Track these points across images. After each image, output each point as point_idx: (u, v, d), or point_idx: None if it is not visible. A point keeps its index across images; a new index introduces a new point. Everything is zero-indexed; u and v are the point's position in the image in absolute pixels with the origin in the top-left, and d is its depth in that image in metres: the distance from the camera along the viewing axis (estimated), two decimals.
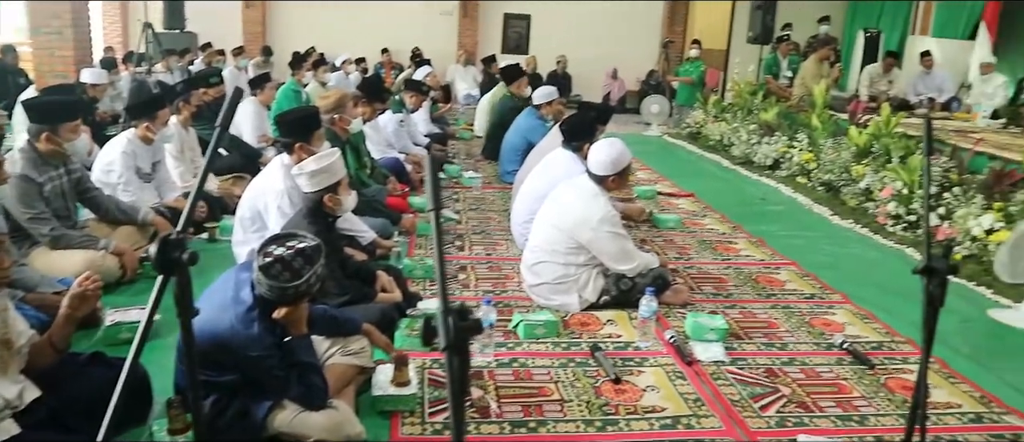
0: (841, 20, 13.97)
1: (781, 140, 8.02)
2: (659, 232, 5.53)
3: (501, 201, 6.09)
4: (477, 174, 6.87)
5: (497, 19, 14.31)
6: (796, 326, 3.87)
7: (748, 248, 5.25)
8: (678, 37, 14.07)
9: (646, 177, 7.59)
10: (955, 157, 6.17)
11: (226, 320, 2.37)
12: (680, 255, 4.99)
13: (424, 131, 8.05)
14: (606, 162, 3.71)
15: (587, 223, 3.67)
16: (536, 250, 3.87)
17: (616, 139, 3.93)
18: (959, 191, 5.56)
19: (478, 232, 5.29)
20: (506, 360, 3.28)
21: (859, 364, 3.45)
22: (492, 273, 4.45)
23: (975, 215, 5.17)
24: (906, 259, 5.18)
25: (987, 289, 4.63)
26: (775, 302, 4.20)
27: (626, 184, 4.27)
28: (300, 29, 13.31)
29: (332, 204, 3.32)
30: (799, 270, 4.80)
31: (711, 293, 4.28)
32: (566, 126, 4.79)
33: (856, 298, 4.30)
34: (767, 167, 7.98)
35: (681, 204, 6.52)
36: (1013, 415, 3.09)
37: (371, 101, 5.86)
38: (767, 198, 6.97)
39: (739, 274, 4.65)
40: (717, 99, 10.21)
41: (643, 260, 3.85)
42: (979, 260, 4.94)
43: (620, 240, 3.75)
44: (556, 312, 3.76)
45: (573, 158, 4.48)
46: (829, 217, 6.30)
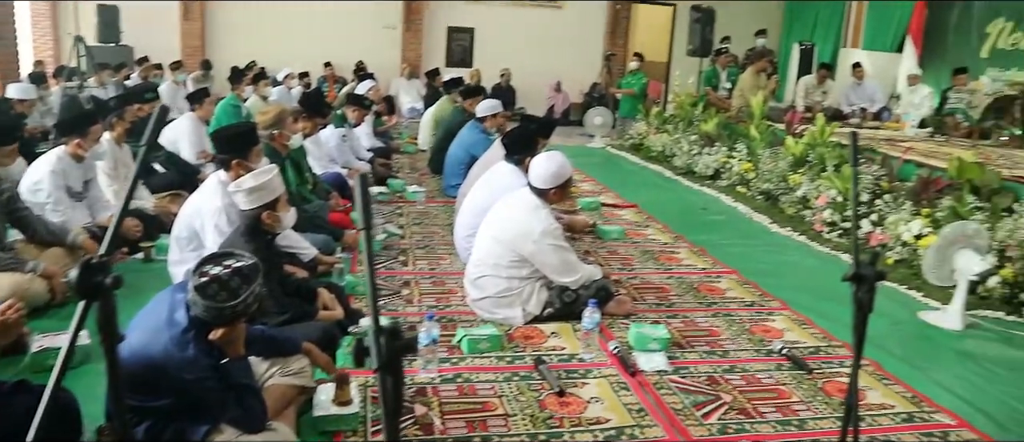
0: (777, 33, 14.37)
1: (721, 150, 8.19)
2: (603, 243, 5.58)
3: (445, 215, 6.07)
4: (421, 188, 6.84)
5: (441, 32, 14.29)
6: (737, 333, 3.94)
7: (690, 257, 5.34)
8: (620, 50, 14.26)
9: (590, 189, 7.66)
10: (886, 165, 6.37)
11: (160, 343, 2.30)
12: (623, 266, 5.04)
13: (367, 145, 7.98)
14: (547, 175, 3.74)
15: (529, 236, 3.68)
16: (479, 264, 3.86)
17: (557, 152, 3.95)
18: (890, 198, 5.74)
19: (422, 247, 5.26)
20: (450, 376, 3.27)
21: (797, 369, 3.53)
22: (436, 288, 4.42)
23: (905, 221, 5.35)
24: (841, 265, 5.33)
25: (917, 292, 4.79)
26: (716, 310, 4.27)
27: (568, 196, 4.30)
28: (241, 43, 13.08)
29: (271, 221, 3.26)
30: (739, 278, 4.89)
31: (654, 303, 4.33)
32: (507, 139, 4.81)
33: (794, 304, 4.41)
34: (708, 177, 8.13)
35: (624, 215, 6.60)
36: (942, 413, 3.20)
37: (312, 116, 5.79)
38: (708, 208, 7.10)
39: (681, 283, 4.72)
40: (659, 111, 10.37)
41: (586, 272, 3.88)
42: (909, 264, 5.11)
43: (562, 252, 3.77)
44: (500, 326, 3.75)
45: (515, 171, 4.50)
46: (768, 225, 6.45)
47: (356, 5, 13.61)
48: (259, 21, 13.30)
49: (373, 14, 13.75)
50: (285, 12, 13.34)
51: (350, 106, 7.38)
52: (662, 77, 14.56)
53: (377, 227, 5.43)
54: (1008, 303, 4.57)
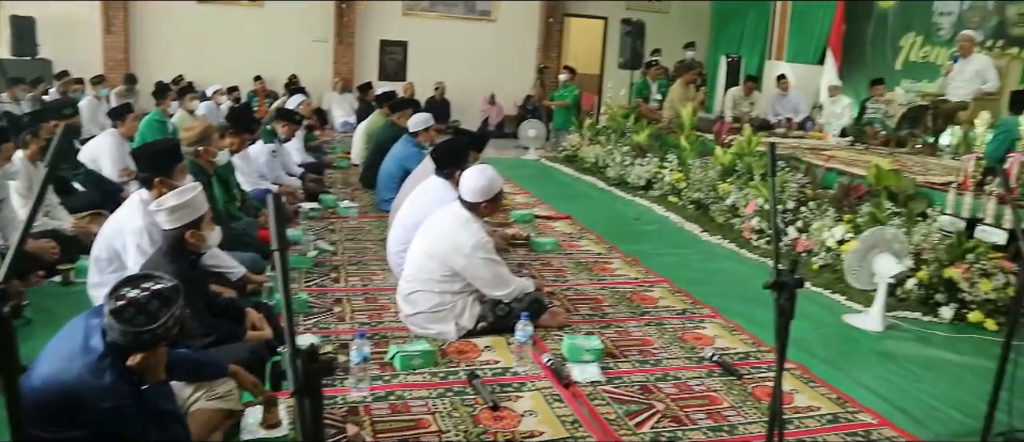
0: (706, 46, 14.72)
1: (653, 161, 8.32)
2: (536, 255, 5.59)
3: (378, 230, 6.01)
4: (353, 204, 6.75)
5: (373, 46, 14.20)
6: (669, 342, 3.99)
7: (623, 267, 5.40)
8: (553, 63, 14.39)
9: (524, 201, 7.69)
10: (809, 173, 6.57)
11: (74, 370, 2.21)
12: (557, 277, 5.07)
13: (298, 161, 7.85)
14: (477, 189, 3.73)
15: (461, 250, 3.67)
16: (411, 279, 3.83)
17: (487, 165, 3.96)
18: (814, 205, 5.92)
19: (354, 263, 5.18)
20: (382, 393, 3.22)
21: (728, 375, 3.60)
22: (368, 305, 4.36)
23: (828, 227, 5.52)
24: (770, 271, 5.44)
25: (841, 296, 4.94)
26: (649, 319, 4.32)
27: (499, 210, 4.30)
28: (168, 56, 12.74)
29: (195, 241, 3.17)
30: (671, 287, 4.97)
31: (587, 314, 4.36)
32: (437, 153, 4.79)
33: (725, 311, 4.50)
34: (640, 187, 8.25)
35: (558, 227, 6.64)
36: (865, 413, 3.30)
37: (239, 132, 5.67)
38: (641, 218, 7.21)
39: (614, 294, 4.76)
40: (591, 122, 10.49)
41: (519, 285, 3.88)
42: (833, 269, 5.26)
43: (494, 266, 3.77)
44: (433, 341, 3.73)
45: (445, 185, 4.48)
46: (699, 234, 6.58)
47: (287, 18, 13.43)
48: (187, 34, 12.99)
49: (304, 27, 13.58)
50: (214, 25, 13.08)
51: (280, 121, 7.25)
52: (595, 89, 14.75)
53: (308, 243, 5.35)
54: (924, 304, 4.75)
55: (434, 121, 7.15)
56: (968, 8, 9.59)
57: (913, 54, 10.40)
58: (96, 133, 7.27)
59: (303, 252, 5.17)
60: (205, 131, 4.85)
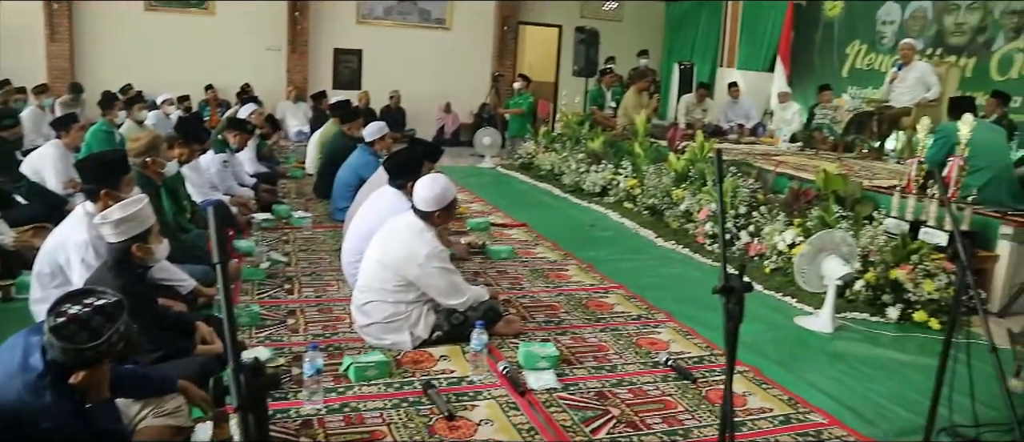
0: (659, 53, 14.90)
1: (608, 168, 8.39)
2: (492, 263, 5.58)
3: (333, 240, 5.94)
4: (307, 214, 6.68)
5: (327, 54, 14.07)
6: (624, 347, 4.02)
7: (579, 274, 5.42)
8: (508, 70, 14.43)
9: (480, 209, 7.68)
10: (761, 178, 6.69)
11: (13, 390, 2.13)
12: (513, 285, 5.07)
13: (251, 171, 7.74)
14: (431, 198, 3.72)
15: (414, 259, 3.65)
16: (365, 290, 3.80)
17: (440, 175, 3.95)
18: (765, 210, 6.02)
19: (308, 273, 5.12)
20: (336, 406, 3.18)
21: (683, 379, 3.63)
22: (322, 315, 4.31)
23: (779, 231, 5.62)
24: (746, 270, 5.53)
25: (792, 298, 5.04)
26: (604, 326, 4.34)
27: (452, 218, 4.28)
28: (115, 65, 12.44)
29: (142, 254, 3.11)
30: (627, 292, 5.00)
31: (543, 321, 4.36)
32: (390, 164, 4.76)
33: (679, 315, 4.54)
34: (596, 194, 8.31)
35: (514, 234, 6.64)
36: (816, 413, 3.36)
37: (189, 142, 5.56)
38: (596, 224, 7.25)
39: (570, 300, 4.78)
40: (547, 130, 10.54)
41: (473, 293, 3.87)
42: (785, 272, 5.36)
43: (449, 275, 3.75)
44: (388, 352, 3.69)
45: (399, 195, 4.46)
46: (654, 239, 6.64)
47: (239, 26, 13.25)
48: (135, 42, 12.72)
49: (257, 36, 13.41)
50: (163, 33, 12.83)
51: (231, 130, 7.15)
52: (551, 96, 14.84)
53: (261, 255, 5.27)
54: (872, 305, 4.87)
55: (389, 129, 7.12)
56: (909, 18, 9.88)
57: (858, 61, 10.68)
58: (39, 144, 7.06)
59: (256, 264, 5.09)
60: (153, 141, 4.75)
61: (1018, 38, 8.44)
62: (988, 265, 5.18)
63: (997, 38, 8.67)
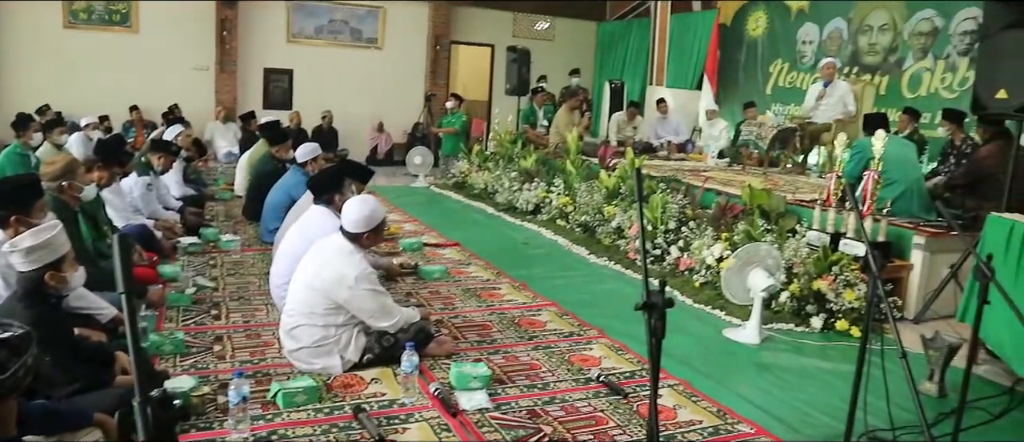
0: (590, 72, 15.13)
1: (540, 186, 8.45)
2: (425, 284, 5.56)
3: (262, 263, 5.83)
4: (235, 237, 6.53)
5: (257, 74, 13.84)
6: (556, 365, 4.03)
7: (511, 293, 5.43)
8: (441, 90, 14.44)
9: (413, 229, 7.64)
10: (689, 194, 6.83)
11: None
12: (445, 305, 5.04)
13: (177, 194, 7.53)
14: (359, 219, 3.68)
15: (344, 282, 3.60)
16: (293, 314, 3.73)
17: (369, 196, 3.92)
18: (694, 225, 6.15)
19: (236, 298, 5.00)
20: (264, 433, 3.11)
21: (614, 394, 3.66)
22: (251, 341, 4.21)
23: (708, 245, 5.74)
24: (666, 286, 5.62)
25: (721, 311, 5.15)
26: (537, 343, 4.35)
27: (381, 239, 4.25)
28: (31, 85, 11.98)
29: (55, 283, 2.99)
30: (559, 310, 5.03)
31: (475, 341, 4.35)
32: (312, 184, 4.71)
33: (611, 331, 4.59)
34: (529, 212, 8.35)
35: (447, 254, 6.62)
36: (744, 424, 3.43)
37: (109, 165, 5.38)
38: (529, 242, 7.28)
39: (502, 319, 4.78)
40: (480, 149, 10.57)
41: (404, 315, 3.84)
42: (714, 286, 5.47)
43: (379, 297, 3.72)
44: (318, 376, 3.63)
45: (326, 213, 4.41)
46: (586, 256, 6.70)
47: (165, 46, 12.93)
48: (54, 61, 12.28)
49: (184, 55, 13.11)
50: (84, 51, 12.43)
51: (155, 153, 6.95)
52: (484, 115, 14.90)
53: (187, 280, 5.12)
54: (797, 315, 5.01)
55: (322, 150, 7.03)
56: (826, 38, 10.27)
57: (781, 79, 11.04)
58: None
59: (181, 289, 4.95)
60: (69, 165, 4.59)
61: (925, 58, 8.86)
62: (903, 274, 5.39)
63: (907, 58, 9.09)
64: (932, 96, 8.68)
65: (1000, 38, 4.81)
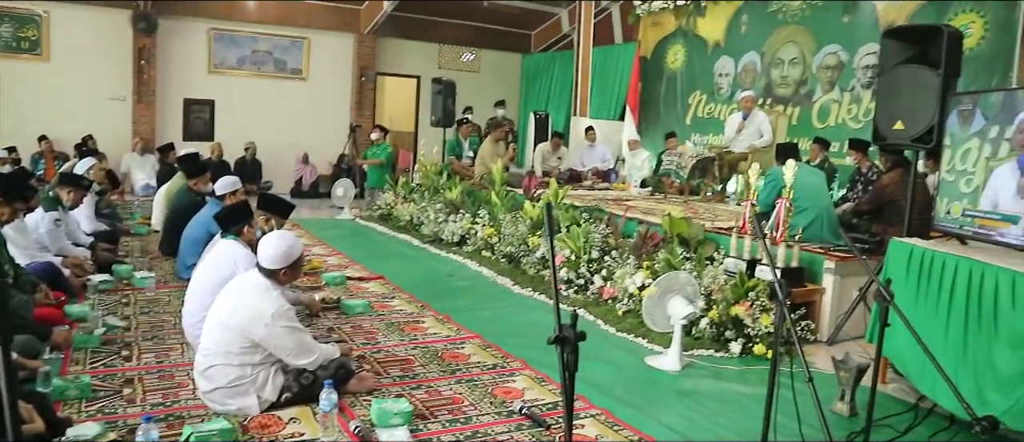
0: (516, 103, 15.29)
1: (466, 217, 8.46)
2: (347, 318, 5.47)
3: (178, 301, 5.61)
4: (151, 273, 6.31)
5: (177, 105, 13.51)
6: (479, 398, 4.02)
7: (435, 326, 5.39)
8: (367, 121, 14.36)
9: (336, 263, 7.52)
10: (612, 224, 6.94)
11: None
12: (368, 340, 4.97)
13: (88, 229, 7.25)
14: (276, 255, 3.61)
15: (260, 319, 3.52)
16: (208, 353, 3.62)
17: (286, 231, 3.86)
18: (616, 254, 6.25)
19: (149, 338, 4.82)
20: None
21: (536, 426, 3.67)
22: (163, 383, 4.06)
23: (630, 274, 5.84)
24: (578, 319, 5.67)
25: (643, 339, 5.22)
26: (460, 377, 4.33)
27: (299, 275, 4.17)
28: None
29: None
30: (483, 342, 5.02)
31: (398, 376, 4.30)
32: (220, 218, 4.61)
33: (534, 362, 4.60)
34: (454, 243, 8.34)
35: (371, 287, 6.54)
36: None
37: (10, 200, 5.15)
38: (455, 274, 7.26)
39: (426, 353, 4.74)
40: (405, 180, 10.53)
41: (324, 351, 3.77)
42: (636, 314, 5.55)
43: (297, 334, 3.64)
44: (233, 418, 3.53)
45: (235, 246, 4.33)
46: (511, 287, 6.72)
47: (78, 75, 12.52)
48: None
49: (100, 85, 12.70)
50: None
51: (64, 187, 6.69)
52: (411, 146, 14.88)
53: (96, 320, 4.92)
54: (716, 341, 5.13)
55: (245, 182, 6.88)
56: (741, 71, 10.65)
57: (700, 110, 11.37)
58: None
59: (90, 330, 4.74)
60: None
61: (833, 90, 9.27)
62: (816, 298, 5.59)
63: (816, 90, 9.49)
64: (840, 126, 9.08)
65: (896, 73, 5.07)
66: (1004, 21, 7.39)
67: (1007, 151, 4.05)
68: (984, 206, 4.21)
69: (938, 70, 4.77)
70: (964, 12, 7.81)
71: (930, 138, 4.81)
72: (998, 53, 7.44)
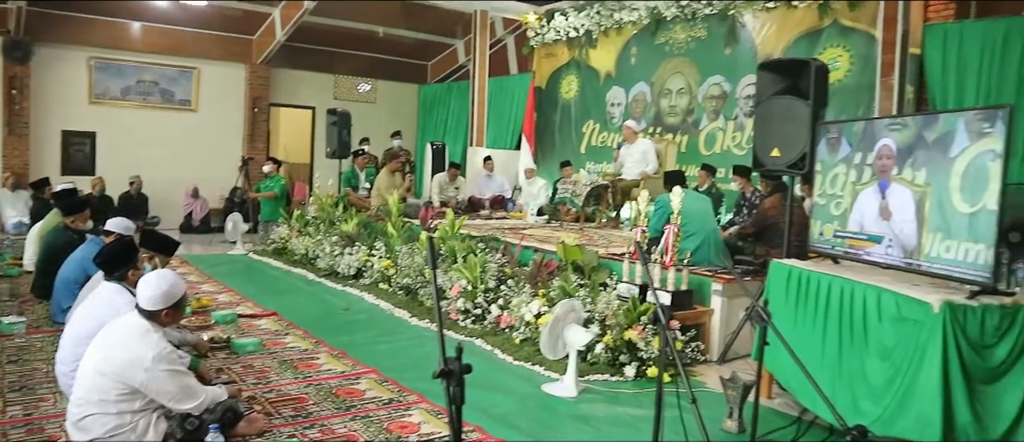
0: (413, 134, 15.29)
1: (362, 249, 8.35)
2: (238, 358, 5.27)
3: (51, 347, 5.27)
4: (20, 318, 5.91)
5: (54, 137, 12.81)
6: (375, 434, 3.94)
7: (330, 362, 5.26)
8: (260, 153, 14.00)
9: (227, 300, 7.25)
10: (508, 252, 6.99)
11: None
12: (259, 379, 4.80)
13: None
14: (157, 296, 3.45)
15: (139, 364, 3.34)
16: (82, 403, 3.41)
17: (167, 271, 3.70)
18: (513, 282, 6.29)
19: (17, 389, 4.50)
20: None
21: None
22: (32, 437, 3.79)
23: (526, 302, 5.89)
24: (476, 349, 5.69)
25: (540, 366, 5.26)
26: (354, 414, 4.23)
27: (182, 316, 4.00)
28: None
29: None
30: (379, 376, 4.94)
31: (290, 416, 4.17)
32: (103, 259, 4.36)
33: (431, 395, 4.55)
34: (351, 277, 8.21)
35: (263, 324, 6.32)
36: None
37: None
38: (351, 308, 7.12)
39: (319, 390, 4.61)
40: (300, 213, 10.32)
41: (210, 394, 3.62)
42: (533, 342, 5.60)
43: (180, 377, 3.48)
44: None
45: (118, 290, 4.11)
46: (409, 319, 6.66)
47: None
48: None
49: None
50: None
51: None
52: (306, 178, 14.60)
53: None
54: (611, 365, 5.22)
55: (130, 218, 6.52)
56: (632, 100, 11.01)
57: (594, 139, 11.66)
58: None
59: None
60: None
61: (717, 119, 9.71)
62: (705, 319, 5.78)
63: (702, 119, 9.91)
64: (725, 153, 9.49)
65: (771, 103, 5.36)
66: (866, 56, 7.94)
67: (870, 176, 4.34)
68: (852, 227, 4.48)
69: (808, 101, 5.08)
70: (832, 47, 8.35)
71: (803, 164, 5.10)
72: (862, 85, 7.98)
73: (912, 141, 4.05)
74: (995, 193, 3.50)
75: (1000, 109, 3.56)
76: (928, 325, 3.54)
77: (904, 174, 4.07)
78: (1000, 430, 3.50)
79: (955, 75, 7.12)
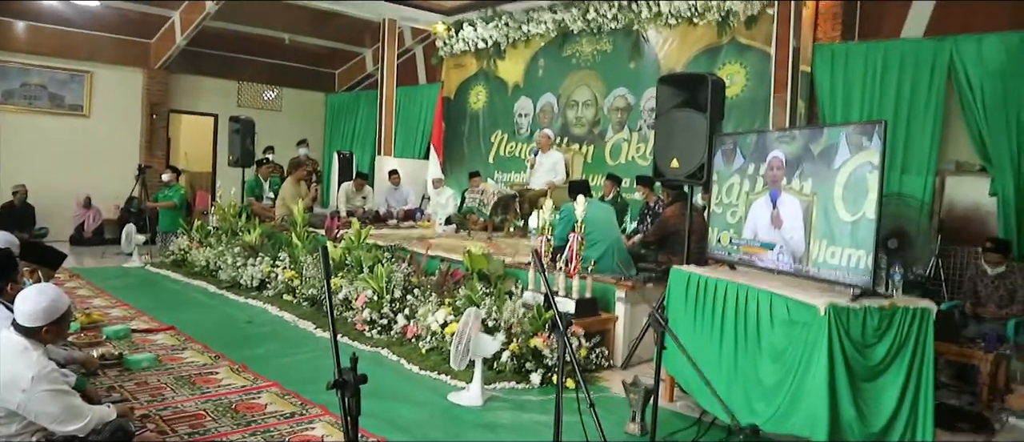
0: (320, 142, 15.01)
1: (266, 260, 8.15)
2: (131, 374, 5.05)
3: None
4: None
5: None
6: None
7: (230, 376, 5.11)
8: (158, 161, 13.45)
9: (120, 314, 6.92)
10: (414, 262, 6.96)
11: None
12: (153, 397, 4.61)
13: None
14: (37, 312, 3.26)
15: (17, 385, 3.15)
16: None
17: (48, 285, 3.52)
18: (419, 292, 6.27)
19: None
20: None
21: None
22: None
23: (432, 312, 5.87)
24: (382, 360, 5.63)
25: (446, 376, 5.25)
26: (255, 429, 4.12)
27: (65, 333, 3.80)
28: None
29: None
30: (281, 390, 4.83)
31: (186, 434, 4.02)
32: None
33: (334, 408, 4.45)
34: (254, 288, 8.00)
35: (159, 339, 6.07)
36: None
37: None
38: (254, 320, 6.93)
39: (218, 406, 4.47)
40: (201, 224, 9.98)
41: (97, 414, 3.44)
42: (440, 351, 5.59)
43: (62, 397, 3.30)
44: None
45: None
46: (313, 331, 6.53)
47: None
48: None
49: None
50: None
51: None
52: (209, 187, 14.14)
53: None
54: (518, 373, 5.26)
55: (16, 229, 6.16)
56: (540, 111, 11.14)
57: (502, 149, 11.73)
58: None
59: None
60: None
61: (622, 130, 9.93)
62: (609, 325, 5.90)
63: (608, 130, 10.12)
64: (630, 163, 9.71)
65: (671, 115, 5.54)
66: (762, 72, 8.29)
67: (762, 186, 4.54)
68: (746, 235, 4.67)
69: (705, 114, 5.27)
70: (731, 63, 8.68)
71: (701, 174, 5.28)
72: (758, 100, 8.33)
73: (800, 153, 4.26)
74: (874, 202, 3.72)
75: (876, 124, 3.79)
76: (815, 327, 3.73)
77: (793, 184, 4.28)
78: (880, 424, 3.72)
79: (842, 92, 7.52)
